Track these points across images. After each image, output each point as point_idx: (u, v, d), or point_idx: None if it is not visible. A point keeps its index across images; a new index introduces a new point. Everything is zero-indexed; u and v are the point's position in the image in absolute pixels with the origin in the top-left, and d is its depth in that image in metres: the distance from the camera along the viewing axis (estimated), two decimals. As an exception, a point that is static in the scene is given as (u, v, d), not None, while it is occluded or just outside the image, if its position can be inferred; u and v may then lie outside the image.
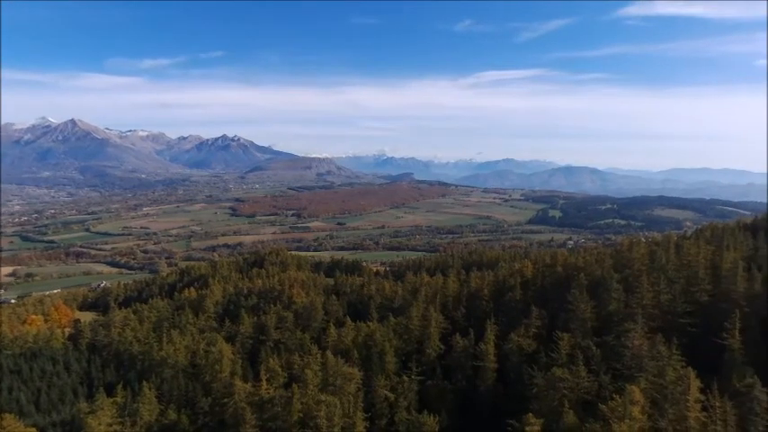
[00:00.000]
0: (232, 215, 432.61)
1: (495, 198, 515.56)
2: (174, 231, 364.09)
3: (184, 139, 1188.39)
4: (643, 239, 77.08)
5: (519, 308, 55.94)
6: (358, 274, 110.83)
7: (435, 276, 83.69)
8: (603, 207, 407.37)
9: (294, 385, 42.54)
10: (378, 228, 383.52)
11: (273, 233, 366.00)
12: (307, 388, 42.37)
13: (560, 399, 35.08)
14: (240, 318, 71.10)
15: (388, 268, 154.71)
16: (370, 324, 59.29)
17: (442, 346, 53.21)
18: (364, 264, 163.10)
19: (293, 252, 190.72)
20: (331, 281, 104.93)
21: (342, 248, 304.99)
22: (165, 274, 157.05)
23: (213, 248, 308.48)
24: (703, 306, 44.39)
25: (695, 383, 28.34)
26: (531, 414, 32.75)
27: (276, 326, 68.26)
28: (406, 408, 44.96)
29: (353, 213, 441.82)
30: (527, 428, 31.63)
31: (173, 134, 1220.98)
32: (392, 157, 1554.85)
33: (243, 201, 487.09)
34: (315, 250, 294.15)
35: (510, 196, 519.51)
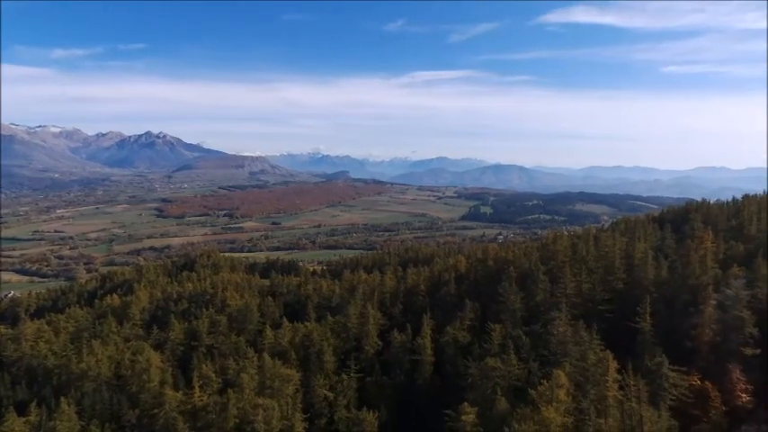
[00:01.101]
0: (158, 216, 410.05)
1: (429, 196, 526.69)
2: (92, 235, 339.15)
3: (103, 135, 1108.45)
4: (566, 233, 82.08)
5: (454, 302, 57.65)
6: (294, 275, 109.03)
7: (373, 274, 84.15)
8: (530, 203, 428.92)
9: (229, 390, 41.25)
10: (314, 227, 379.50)
11: (204, 234, 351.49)
12: (243, 392, 41.25)
13: (493, 387, 36.62)
14: (170, 324, 67.63)
15: (325, 267, 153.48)
16: (308, 324, 58.65)
17: (380, 343, 53.74)
18: (301, 263, 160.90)
19: (226, 253, 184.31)
20: (267, 282, 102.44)
21: (277, 249, 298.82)
22: (83, 281, 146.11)
23: (138, 252, 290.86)
24: (619, 293, 48.05)
25: (613, 365, 30.66)
26: (466, 403, 33.90)
27: (209, 330, 65.64)
28: (346, 406, 45.03)
29: (289, 212, 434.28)
30: (463, 417, 32.73)
31: (90, 130, 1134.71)
32: (327, 156, 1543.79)
33: (170, 201, 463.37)
34: (249, 251, 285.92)
35: (444, 194, 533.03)
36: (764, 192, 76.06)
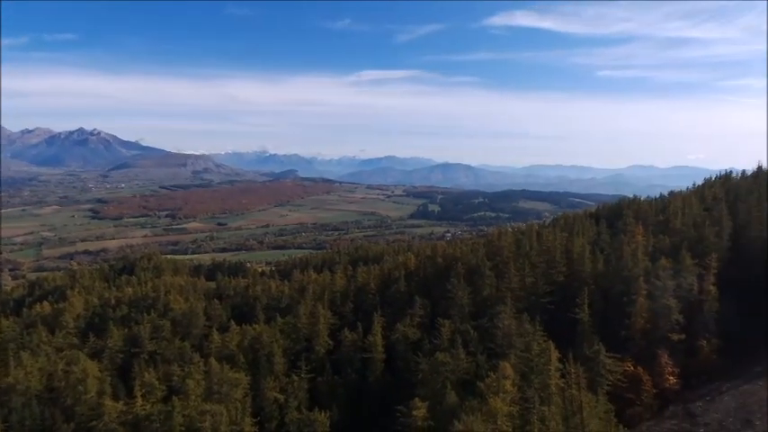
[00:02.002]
0: (93, 218, 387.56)
1: (378, 194, 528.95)
2: (19, 239, 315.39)
3: (30, 132, 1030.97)
4: (510, 230, 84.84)
5: (404, 299, 58.30)
6: (242, 276, 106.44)
7: (323, 273, 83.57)
8: (476, 201, 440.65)
9: (174, 398, 39.70)
10: (262, 227, 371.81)
11: (145, 236, 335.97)
12: (189, 399, 39.83)
13: (443, 381, 37.38)
14: (108, 331, 64.11)
15: (273, 268, 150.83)
16: (257, 326, 57.43)
17: (331, 342, 53.51)
18: (248, 264, 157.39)
19: (169, 256, 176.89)
20: (213, 284, 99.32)
21: (224, 250, 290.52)
22: (9, 289, 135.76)
23: (71, 256, 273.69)
24: (560, 286, 50.34)
25: (555, 354, 32.15)
26: (417, 399, 34.45)
27: (151, 336, 62.82)
28: (297, 407, 44.52)
29: (235, 213, 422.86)
30: (414, 413, 33.24)
31: (14, 126, 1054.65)
32: (275, 154, 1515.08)
33: (106, 202, 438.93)
34: (193, 253, 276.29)
35: (392, 192, 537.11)
36: (688, 188, 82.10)
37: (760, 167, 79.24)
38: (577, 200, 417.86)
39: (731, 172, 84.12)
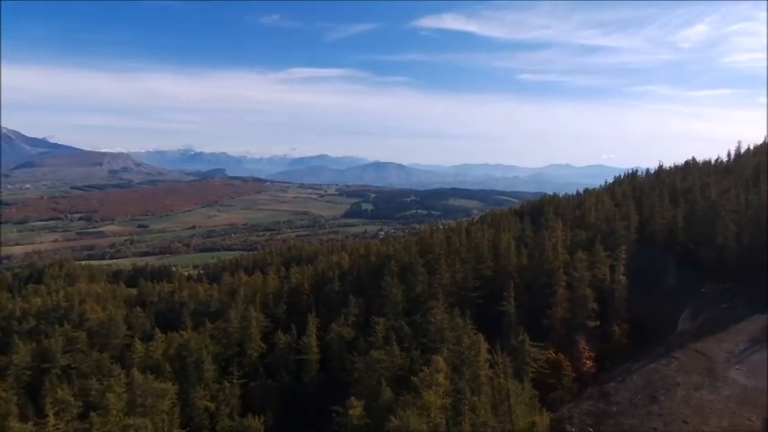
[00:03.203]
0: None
1: (311, 194, 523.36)
2: None
3: None
4: (441, 227, 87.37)
5: (338, 298, 58.20)
6: (167, 281, 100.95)
7: (254, 275, 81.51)
8: (408, 199, 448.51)
9: (93, 414, 36.99)
10: (188, 228, 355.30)
11: (55, 241, 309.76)
12: (109, 414, 37.25)
13: (378, 378, 37.75)
14: (13, 346, 58.45)
15: (201, 271, 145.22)
16: (184, 333, 54.89)
17: (264, 346, 52.30)
18: (174, 269, 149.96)
19: (84, 262, 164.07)
20: (134, 291, 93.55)
21: (146, 254, 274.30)
22: None
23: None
24: (488, 280, 52.53)
25: (484, 346, 33.51)
26: (352, 398, 34.54)
27: (65, 349, 58.04)
28: (229, 414, 43.08)
29: (158, 214, 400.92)
30: (350, 412, 33.30)
31: None
32: (201, 153, 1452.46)
33: (9, 204, 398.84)
34: (112, 258, 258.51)
35: (325, 191, 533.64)
36: (601, 186, 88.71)
37: (661, 166, 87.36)
38: (503, 197, 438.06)
39: (637, 171, 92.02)
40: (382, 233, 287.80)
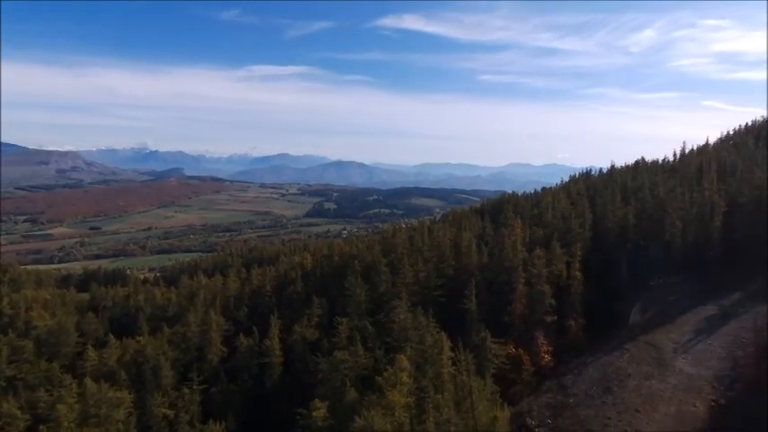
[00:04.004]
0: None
1: (272, 193, 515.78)
2: None
3: None
4: (404, 226, 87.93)
5: (301, 299, 57.64)
6: (121, 285, 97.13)
7: (214, 277, 79.52)
8: (371, 198, 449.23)
9: (42, 427, 35.24)
10: (143, 230, 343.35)
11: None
12: (60, 427, 35.57)
13: (342, 379, 37.66)
14: (-49, 358, 54.84)
15: (158, 274, 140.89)
16: (140, 339, 52.93)
17: (224, 350, 51.20)
18: (128, 272, 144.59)
19: (30, 266, 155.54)
20: (86, 296, 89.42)
21: (98, 257, 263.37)
22: None
23: None
24: (450, 278, 53.28)
25: (447, 344, 34.02)
26: (316, 399, 34.32)
27: (9, 360, 54.78)
28: (189, 421, 41.93)
29: (111, 215, 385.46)
30: (314, 413, 33.06)
31: None
32: (156, 151, 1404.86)
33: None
34: (61, 262, 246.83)
35: (287, 191, 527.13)
36: (557, 184, 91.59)
37: (613, 166, 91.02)
38: (464, 196, 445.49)
39: (591, 170, 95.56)
40: (345, 232, 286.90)
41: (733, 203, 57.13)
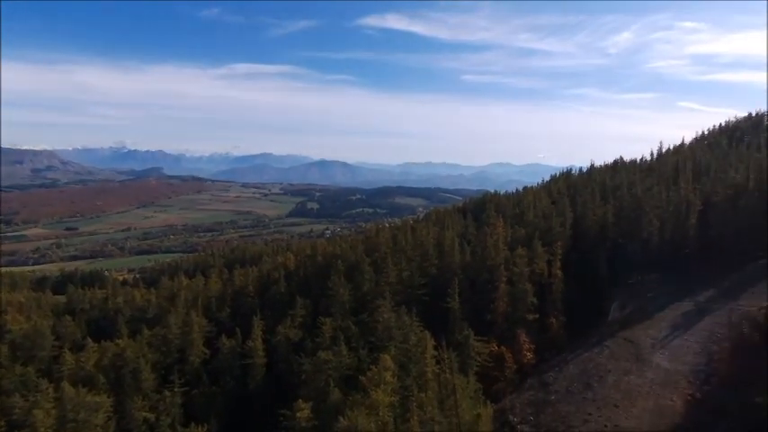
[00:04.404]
0: None
1: (254, 193, 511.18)
2: None
3: None
4: (387, 225, 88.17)
5: (284, 300, 57.32)
6: (99, 287, 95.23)
7: (196, 278, 78.53)
8: (354, 198, 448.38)
9: (17, 433, 34.40)
10: (122, 230, 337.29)
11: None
12: (36, 432, 34.74)
13: (326, 379, 37.56)
14: None
15: (138, 275, 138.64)
16: (120, 341, 51.96)
17: (207, 351, 50.56)
18: (107, 273, 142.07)
19: (4, 269, 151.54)
20: (62, 298, 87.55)
21: (75, 258, 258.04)
22: None
23: None
24: (433, 277, 53.56)
25: (430, 343, 34.20)
26: (300, 400, 34.16)
27: (-18, 365, 53.45)
28: (170, 424, 41.33)
29: (88, 216, 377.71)
30: (298, 414, 32.92)
31: None
32: (135, 150, 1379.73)
33: None
34: (36, 264, 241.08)
35: (269, 191, 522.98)
36: (538, 184, 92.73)
37: (592, 165, 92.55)
38: (447, 195, 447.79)
39: (571, 169, 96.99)
40: (328, 232, 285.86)
41: (708, 202, 58.60)
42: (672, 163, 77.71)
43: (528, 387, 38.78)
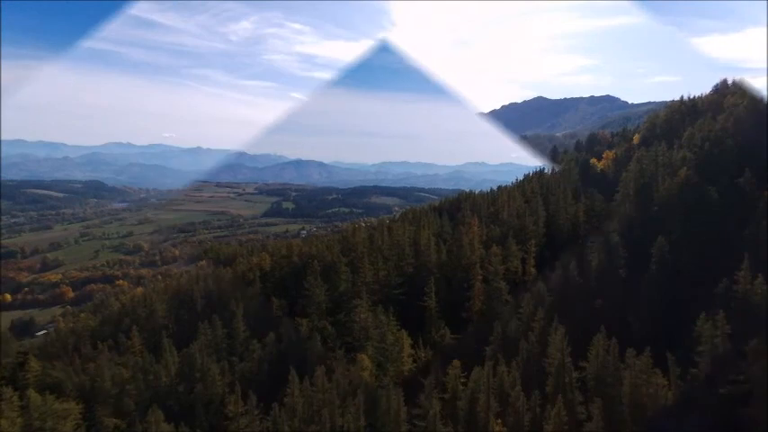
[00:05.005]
0: None
1: (228, 192, 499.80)
2: None
3: None
4: (363, 225, 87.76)
5: (260, 301, 56.63)
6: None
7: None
8: (330, 197, 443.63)
9: (-20, 444, 33.08)
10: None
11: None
12: (1, 442, 33.49)
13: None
14: None
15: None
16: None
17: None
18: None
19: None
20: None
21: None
22: None
23: None
24: (409, 276, 53.74)
25: (407, 342, 34.45)
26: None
27: (-58, 373, 51.13)
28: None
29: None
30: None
31: None
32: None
33: None
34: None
35: (244, 190, 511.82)
36: (512, 183, 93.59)
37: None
38: (423, 194, 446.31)
39: (544, 168, 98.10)
40: (304, 232, 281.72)
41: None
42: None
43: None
